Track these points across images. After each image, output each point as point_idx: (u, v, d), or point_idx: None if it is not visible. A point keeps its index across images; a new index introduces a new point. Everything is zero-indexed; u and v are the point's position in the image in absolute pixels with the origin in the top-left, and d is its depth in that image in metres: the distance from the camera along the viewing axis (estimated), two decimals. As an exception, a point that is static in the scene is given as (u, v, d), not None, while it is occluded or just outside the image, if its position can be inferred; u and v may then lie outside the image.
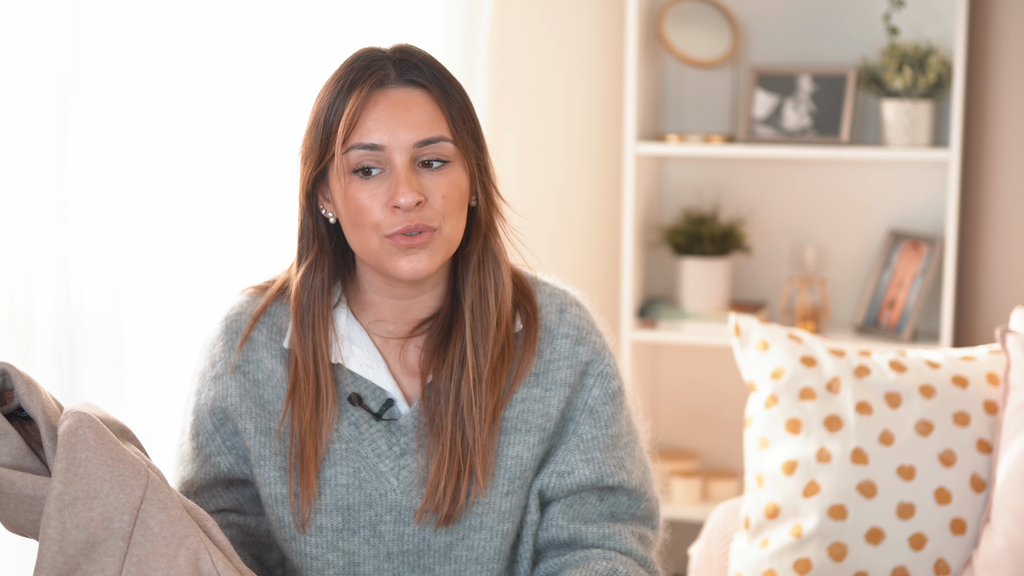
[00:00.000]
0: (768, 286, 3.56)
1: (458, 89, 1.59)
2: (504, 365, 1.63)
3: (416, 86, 1.56)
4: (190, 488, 1.66)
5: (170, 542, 1.39)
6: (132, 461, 1.41)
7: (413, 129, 1.54)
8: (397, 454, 1.62)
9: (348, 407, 1.63)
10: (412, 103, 1.55)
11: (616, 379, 1.71)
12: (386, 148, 1.54)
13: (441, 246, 1.57)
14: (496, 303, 1.63)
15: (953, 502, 2.11)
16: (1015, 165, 3.29)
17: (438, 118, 1.56)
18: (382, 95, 1.55)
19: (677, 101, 3.55)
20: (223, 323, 1.68)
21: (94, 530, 1.37)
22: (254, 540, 1.68)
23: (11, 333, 1.96)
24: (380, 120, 1.54)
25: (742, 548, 2.20)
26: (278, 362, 1.65)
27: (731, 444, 3.54)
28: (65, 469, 1.37)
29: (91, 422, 1.40)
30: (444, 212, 1.55)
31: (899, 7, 3.28)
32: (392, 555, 1.62)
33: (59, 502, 1.37)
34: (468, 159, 1.58)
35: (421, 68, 1.57)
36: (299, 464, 1.60)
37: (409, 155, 1.54)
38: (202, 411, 1.66)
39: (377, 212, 1.54)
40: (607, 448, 1.68)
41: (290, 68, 2.37)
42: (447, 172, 1.56)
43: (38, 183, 1.97)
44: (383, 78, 1.56)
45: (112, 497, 1.38)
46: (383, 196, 1.54)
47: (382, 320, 1.65)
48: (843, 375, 2.19)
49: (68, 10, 1.99)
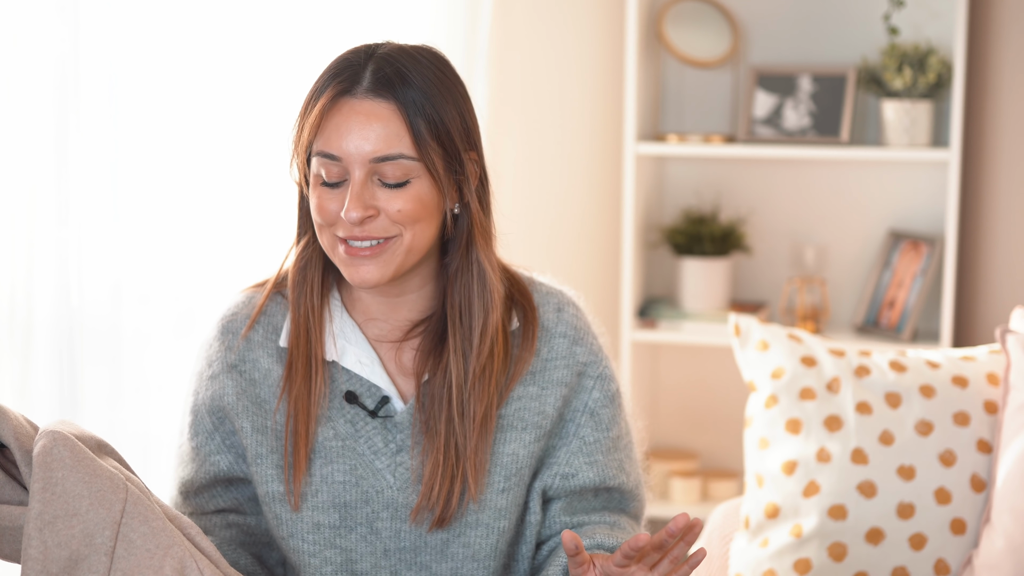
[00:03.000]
0: (768, 286, 3.56)
1: (440, 96, 1.56)
2: (495, 368, 1.63)
3: (383, 98, 1.54)
4: (190, 488, 1.66)
5: (154, 554, 1.38)
6: (110, 476, 1.40)
7: (371, 143, 1.53)
8: (393, 451, 1.62)
9: (345, 404, 1.63)
10: (375, 117, 1.54)
11: (614, 381, 1.73)
12: (343, 160, 1.54)
13: (399, 253, 1.56)
14: (483, 313, 1.62)
15: (953, 502, 2.11)
16: (1015, 165, 3.29)
17: (400, 134, 1.54)
18: (347, 103, 1.54)
19: (677, 101, 3.55)
20: (219, 323, 1.69)
21: (76, 547, 1.37)
22: (254, 540, 1.68)
23: (11, 333, 1.96)
24: (340, 130, 1.54)
25: (742, 548, 2.20)
26: (274, 361, 1.65)
27: (731, 444, 3.54)
28: (42, 489, 1.37)
29: (65, 440, 1.39)
30: (402, 222, 1.55)
31: (899, 7, 3.28)
32: (389, 552, 1.62)
33: (39, 522, 1.36)
34: (435, 170, 1.55)
35: (393, 80, 1.54)
36: (293, 451, 1.60)
37: (366, 169, 1.53)
38: (200, 411, 1.66)
39: (332, 215, 1.55)
40: (609, 451, 1.70)
41: (290, 68, 2.37)
42: (406, 189, 1.55)
43: (38, 183, 1.97)
44: (352, 86, 1.55)
45: (92, 513, 1.37)
46: (339, 201, 1.55)
47: (374, 318, 1.66)
48: (843, 375, 2.19)
49: (68, 10, 1.99)
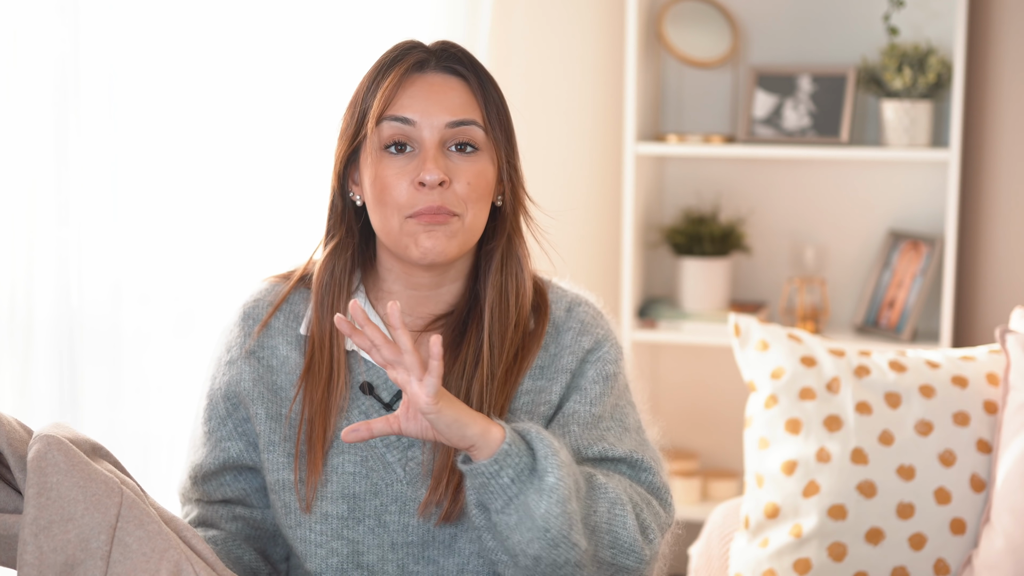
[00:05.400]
0: (768, 286, 3.56)
1: (495, 86, 1.62)
2: (517, 366, 1.64)
3: (454, 73, 1.61)
4: (199, 473, 1.67)
5: (150, 557, 1.38)
6: (105, 480, 1.39)
7: (446, 110, 1.57)
8: (405, 445, 1.62)
9: (359, 395, 1.64)
10: (448, 87, 1.59)
11: (613, 365, 1.68)
12: (417, 124, 1.57)
13: (459, 233, 1.58)
14: (516, 305, 1.64)
15: (953, 502, 2.11)
16: (1015, 165, 3.29)
17: (472, 105, 1.59)
18: (419, 77, 1.60)
19: (677, 101, 3.55)
20: (241, 309, 1.70)
21: (72, 552, 1.36)
22: (259, 534, 1.69)
23: (11, 333, 1.96)
24: (415, 98, 1.58)
25: (742, 548, 2.20)
26: (293, 348, 1.66)
27: (731, 444, 3.54)
28: (37, 494, 1.36)
29: (60, 444, 1.39)
30: (467, 199, 1.57)
31: (899, 7, 3.28)
32: (396, 545, 1.62)
33: (34, 527, 1.36)
34: (497, 152, 1.61)
35: (462, 59, 1.61)
36: (307, 447, 1.61)
37: (439, 135, 1.57)
38: (216, 396, 1.67)
39: (402, 191, 1.56)
40: (586, 425, 1.64)
41: (290, 68, 2.37)
42: (475, 159, 1.58)
43: (38, 183, 1.97)
44: (422, 62, 1.60)
45: (87, 518, 1.37)
46: (410, 173, 1.56)
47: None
48: (843, 375, 2.19)
49: (68, 10, 1.99)
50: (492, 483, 1.47)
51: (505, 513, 1.48)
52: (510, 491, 1.47)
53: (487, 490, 1.48)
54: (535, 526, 1.47)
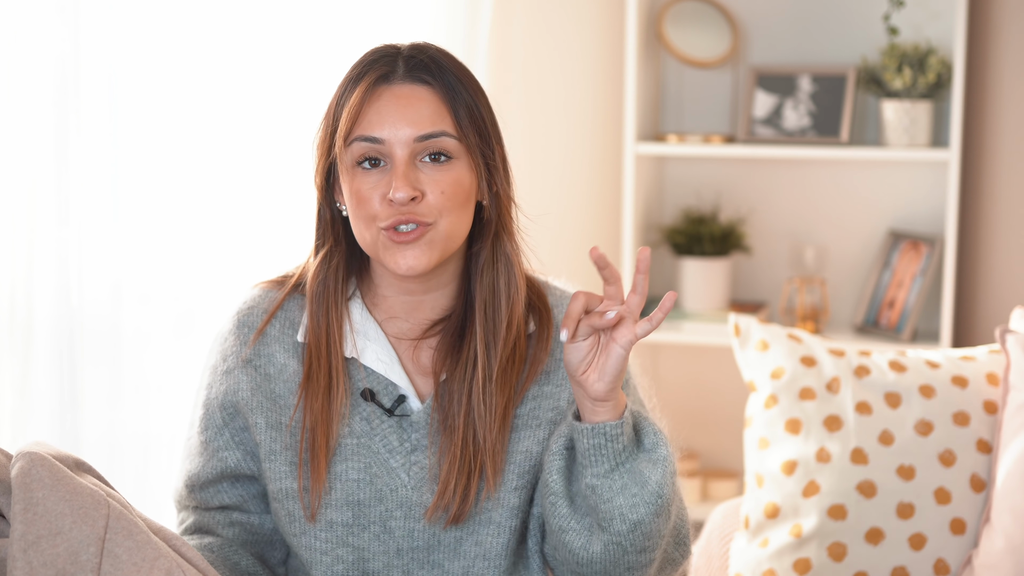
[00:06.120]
0: (768, 286, 3.56)
1: (469, 87, 1.60)
2: (515, 365, 1.64)
3: (421, 83, 1.58)
4: (196, 482, 1.66)
5: (140, 567, 1.37)
6: (91, 492, 1.39)
7: (413, 124, 1.56)
8: (408, 450, 1.62)
9: (360, 402, 1.63)
10: (416, 99, 1.57)
11: None
12: (386, 142, 1.55)
13: (437, 241, 1.57)
14: (508, 304, 1.63)
15: (953, 502, 2.11)
16: (1015, 165, 3.29)
17: (441, 114, 1.57)
18: (386, 89, 1.57)
19: (677, 101, 3.55)
20: (235, 317, 1.69)
21: (62, 566, 1.35)
22: (257, 539, 1.68)
23: (11, 333, 1.96)
24: (382, 113, 1.56)
25: (742, 548, 2.20)
26: (290, 356, 1.65)
27: (731, 444, 3.54)
28: (24, 510, 1.35)
29: (43, 460, 1.38)
30: (442, 208, 1.56)
31: (899, 7, 3.28)
32: (402, 551, 1.62)
33: (22, 543, 1.35)
34: (474, 157, 1.59)
35: (429, 66, 1.58)
36: (310, 456, 1.61)
37: (409, 150, 1.55)
38: (212, 405, 1.66)
39: (375, 204, 1.56)
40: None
41: (290, 68, 2.37)
42: (449, 168, 1.57)
43: (38, 183, 1.97)
44: (388, 73, 1.58)
45: (75, 531, 1.36)
46: (382, 188, 1.56)
47: (395, 317, 1.66)
48: (843, 375, 2.19)
49: (68, 10, 1.99)
50: (609, 445, 1.54)
51: (610, 477, 1.54)
52: (621, 456, 1.54)
53: (599, 452, 1.54)
54: (647, 491, 1.54)
